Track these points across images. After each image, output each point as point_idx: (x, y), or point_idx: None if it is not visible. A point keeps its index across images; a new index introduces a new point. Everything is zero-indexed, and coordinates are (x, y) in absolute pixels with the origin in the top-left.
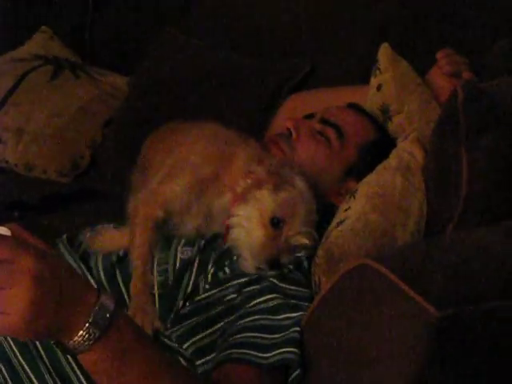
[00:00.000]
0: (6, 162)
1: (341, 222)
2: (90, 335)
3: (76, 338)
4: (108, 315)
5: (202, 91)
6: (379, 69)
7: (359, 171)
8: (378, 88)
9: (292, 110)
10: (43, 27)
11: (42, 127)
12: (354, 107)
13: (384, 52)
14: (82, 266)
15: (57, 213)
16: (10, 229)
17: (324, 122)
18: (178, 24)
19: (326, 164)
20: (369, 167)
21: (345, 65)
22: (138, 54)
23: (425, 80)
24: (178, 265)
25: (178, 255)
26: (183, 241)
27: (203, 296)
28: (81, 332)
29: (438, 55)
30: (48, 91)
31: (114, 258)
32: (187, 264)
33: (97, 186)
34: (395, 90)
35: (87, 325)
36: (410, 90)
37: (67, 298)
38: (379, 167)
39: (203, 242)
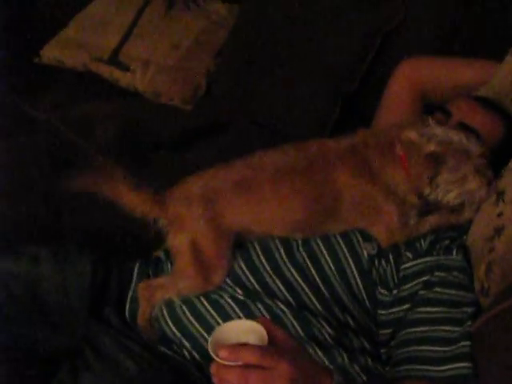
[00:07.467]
0: (136, 88)
1: (499, 230)
2: None
3: None
4: None
5: (305, 23)
6: None
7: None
8: None
9: (408, 78)
10: None
11: (164, 58)
12: (483, 101)
13: None
14: None
15: (190, 150)
16: (262, 324)
17: (463, 126)
18: None
19: None
20: (499, 165)
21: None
22: None
23: None
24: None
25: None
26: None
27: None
28: None
29: None
30: (165, 23)
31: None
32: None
33: (215, 115)
34: None
35: None
36: None
37: None
38: None
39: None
